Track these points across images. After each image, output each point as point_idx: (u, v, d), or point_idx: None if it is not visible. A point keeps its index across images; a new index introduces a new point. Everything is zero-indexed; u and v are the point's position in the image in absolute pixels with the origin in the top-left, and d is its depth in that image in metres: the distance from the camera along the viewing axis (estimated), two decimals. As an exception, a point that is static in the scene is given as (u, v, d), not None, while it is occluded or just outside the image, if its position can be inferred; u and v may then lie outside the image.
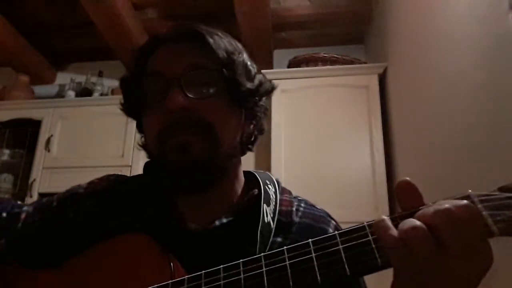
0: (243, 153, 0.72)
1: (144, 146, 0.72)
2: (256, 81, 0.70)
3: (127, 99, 0.73)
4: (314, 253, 0.45)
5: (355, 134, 2.26)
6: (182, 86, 0.63)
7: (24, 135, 2.88)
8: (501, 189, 0.43)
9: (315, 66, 2.50)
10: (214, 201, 0.67)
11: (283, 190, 0.75)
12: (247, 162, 2.47)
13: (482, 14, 1.22)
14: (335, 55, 2.52)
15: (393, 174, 2.16)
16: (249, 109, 0.70)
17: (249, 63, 0.71)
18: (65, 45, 3.11)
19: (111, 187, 0.74)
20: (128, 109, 0.73)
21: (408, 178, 0.45)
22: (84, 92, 2.96)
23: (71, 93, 2.96)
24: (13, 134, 2.94)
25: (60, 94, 3.14)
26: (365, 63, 2.57)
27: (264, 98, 0.72)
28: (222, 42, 0.68)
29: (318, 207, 0.74)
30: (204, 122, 0.63)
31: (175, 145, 0.62)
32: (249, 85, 0.68)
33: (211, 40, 0.66)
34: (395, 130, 2.20)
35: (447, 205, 0.40)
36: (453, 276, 0.40)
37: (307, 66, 2.52)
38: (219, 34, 0.70)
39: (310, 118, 2.33)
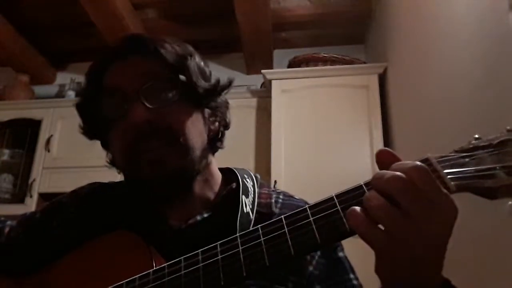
0: (214, 151, 0.74)
1: (113, 163, 0.73)
2: (213, 80, 0.71)
3: (87, 121, 0.72)
4: (287, 227, 0.47)
5: (355, 134, 2.26)
6: (142, 99, 0.63)
7: (24, 135, 2.88)
8: (457, 151, 0.47)
9: (315, 66, 2.50)
10: (193, 200, 0.69)
11: (262, 184, 0.76)
12: (247, 162, 2.47)
13: (482, 14, 1.22)
14: (335, 55, 2.52)
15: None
16: (210, 108, 0.71)
17: (202, 63, 0.72)
18: (65, 45, 3.11)
19: (94, 193, 0.75)
20: (89, 130, 0.73)
21: (386, 148, 0.47)
22: (84, 92, 2.95)
23: (71, 93, 2.96)
24: (13, 134, 2.93)
25: (60, 94, 3.14)
26: (365, 63, 2.57)
27: (224, 93, 0.73)
28: (172, 47, 0.68)
29: (296, 197, 0.76)
30: (169, 130, 0.64)
31: (148, 161, 0.63)
32: (206, 85, 0.69)
33: (161, 48, 0.67)
34: (395, 130, 2.20)
35: (397, 173, 0.42)
36: (423, 237, 0.41)
37: (307, 66, 2.52)
38: (168, 40, 0.70)
39: (310, 118, 2.33)
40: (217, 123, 0.73)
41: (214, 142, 0.73)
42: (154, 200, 0.68)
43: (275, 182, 2.13)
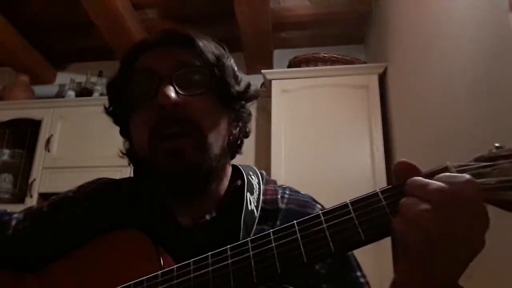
0: (232, 156, 0.74)
1: (129, 152, 0.73)
2: (243, 85, 0.72)
3: (114, 100, 0.73)
4: (299, 233, 0.45)
5: (355, 134, 2.25)
6: (174, 83, 0.64)
7: (24, 135, 2.88)
8: (477, 160, 0.45)
9: (315, 66, 2.50)
10: (204, 198, 0.68)
11: (268, 181, 0.76)
12: (247, 162, 2.45)
13: (482, 14, 1.22)
14: (335, 55, 2.51)
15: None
16: (235, 112, 0.72)
17: (235, 68, 0.73)
18: (65, 45, 3.11)
19: (101, 189, 0.75)
20: (115, 111, 0.73)
21: (406, 160, 0.46)
22: (84, 92, 2.95)
23: (71, 93, 2.96)
24: (13, 134, 2.93)
25: (60, 94, 3.14)
26: (365, 63, 2.57)
27: (251, 102, 0.74)
28: (210, 45, 0.70)
29: (302, 192, 0.76)
30: (192, 120, 0.64)
31: (168, 151, 0.62)
32: (237, 87, 0.70)
33: (200, 43, 0.68)
34: (395, 130, 2.20)
35: (443, 184, 0.41)
36: (465, 244, 0.41)
37: (307, 66, 2.52)
38: (206, 39, 0.71)
39: (310, 118, 2.33)
40: (238, 129, 0.73)
41: (233, 147, 0.72)
42: (167, 194, 0.68)
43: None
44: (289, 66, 2.63)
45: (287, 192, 0.74)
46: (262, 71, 2.51)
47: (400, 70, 2.16)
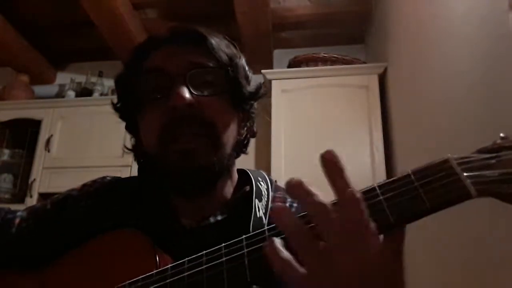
0: (238, 155, 0.73)
1: (135, 148, 0.72)
2: (253, 85, 0.72)
3: (123, 97, 0.72)
4: None
5: (355, 134, 2.26)
6: (187, 83, 0.63)
7: (24, 135, 2.88)
8: (480, 151, 0.43)
9: (315, 66, 2.50)
10: (209, 200, 0.68)
11: (277, 188, 0.76)
12: (247, 162, 2.47)
13: (482, 14, 1.22)
14: (335, 55, 2.51)
15: (393, 174, 2.15)
16: (245, 112, 0.71)
17: (246, 67, 0.72)
18: (65, 45, 3.11)
19: (105, 188, 0.74)
20: (123, 108, 0.72)
21: (332, 151, 0.43)
22: (84, 92, 2.95)
23: (71, 93, 2.96)
24: (13, 134, 2.93)
25: (60, 94, 3.14)
26: (365, 63, 2.57)
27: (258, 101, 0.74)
28: (222, 44, 0.69)
29: None
30: (207, 121, 0.63)
31: (179, 151, 0.62)
32: (249, 88, 0.70)
33: (212, 41, 0.67)
34: (395, 130, 2.20)
35: (318, 198, 0.42)
36: (342, 271, 0.40)
37: (307, 66, 2.52)
38: (218, 36, 0.70)
39: (310, 118, 2.33)
40: (246, 129, 0.72)
41: (240, 147, 0.72)
42: (172, 194, 0.67)
43: (275, 181, 2.12)
44: (289, 66, 2.63)
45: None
46: (262, 71, 2.51)
47: (400, 70, 2.16)
